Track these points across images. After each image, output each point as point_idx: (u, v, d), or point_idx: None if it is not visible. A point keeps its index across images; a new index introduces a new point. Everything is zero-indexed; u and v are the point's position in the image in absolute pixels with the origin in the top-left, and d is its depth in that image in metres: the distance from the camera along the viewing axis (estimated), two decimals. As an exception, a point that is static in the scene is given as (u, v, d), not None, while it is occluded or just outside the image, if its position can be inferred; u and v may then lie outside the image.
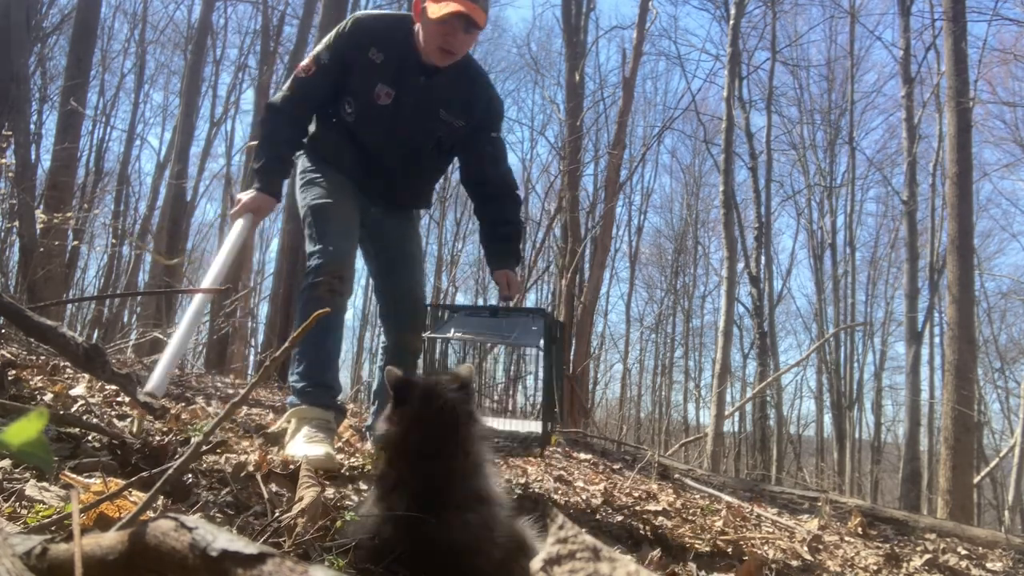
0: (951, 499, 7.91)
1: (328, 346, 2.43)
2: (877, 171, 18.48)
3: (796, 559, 2.61)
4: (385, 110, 2.46)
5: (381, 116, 2.47)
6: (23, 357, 3.32)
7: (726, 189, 10.83)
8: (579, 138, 12.06)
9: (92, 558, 0.66)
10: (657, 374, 23.46)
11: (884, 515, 4.70)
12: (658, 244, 23.62)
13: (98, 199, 15.28)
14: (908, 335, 12.83)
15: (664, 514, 2.89)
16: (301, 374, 2.41)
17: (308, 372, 2.40)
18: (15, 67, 6.98)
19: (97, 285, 18.04)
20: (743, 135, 15.27)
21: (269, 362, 0.98)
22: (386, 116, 2.47)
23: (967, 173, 8.92)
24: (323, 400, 2.36)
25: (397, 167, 2.57)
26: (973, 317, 9.53)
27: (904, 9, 13.03)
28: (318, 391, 2.36)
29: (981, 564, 3.71)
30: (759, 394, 13.86)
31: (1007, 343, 19.81)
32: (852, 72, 17.72)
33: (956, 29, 8.98)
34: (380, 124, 2.49)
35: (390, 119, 2.47)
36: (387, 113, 2.47)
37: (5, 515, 1.09)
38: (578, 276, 11.82)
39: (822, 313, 18.45)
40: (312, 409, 2.33)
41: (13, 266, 7.44)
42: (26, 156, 7.07)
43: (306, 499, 1.42)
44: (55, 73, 13.40)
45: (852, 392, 18.49)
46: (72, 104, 7.85)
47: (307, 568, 0.53)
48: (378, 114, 2.47)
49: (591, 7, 13.38)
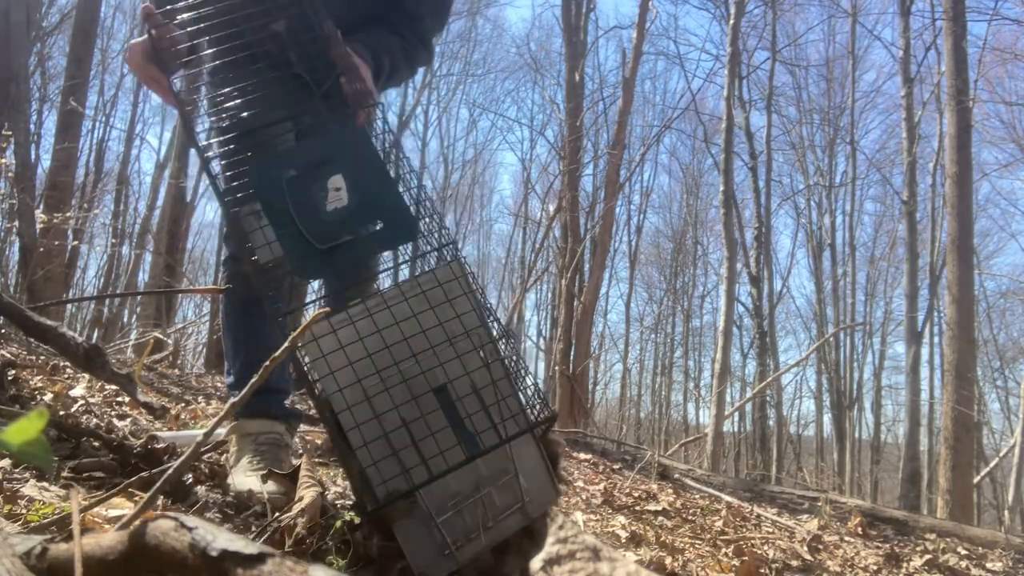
0: (951, 499, 7.91)
1: (263, 339, 1.85)
2: (877, 171, 18.49)
3: (796, 559, 2.61)
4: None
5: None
6: (23, 357, 3.32)
7: (726, 189, 10.83)
8: (579, 138, 12.06)
9: (92, 558, 0.66)
10: (657, 374, 23.48)
11: (884, 515, 4.70)
12: (657, 244, 23.64)
13: (98, 199, 15.27)
14: (908, 335, 12.83)
15: (664, 514, 2.89)
16: (237, 376, 1.89)
17: (244, 374, 1.85)
18: (15, 67, 6.98)
19: (97, 285, 18.04)
20: (743, 135, 15.29)
21: (269, 362, 0.98)
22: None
23: (967, 173, 8.92)
24: (267, 408, 1.85)
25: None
26: (973, 317, 9.54)
27: (904, 9, 13.02)
28: (259, 397, 1.75)
29: (981, 564, 3.71)
30: (759, 394, 13.86)
31: (1006, 343, 19.82)
32: (852, 72, 17.73)
33: (956, 29, 8.99)
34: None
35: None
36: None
37: (5, 515, 1.09)
38: (578, 276, 11.83)
39: (822, 313, 18.45)
40: (252, 422, 1.82)
41: (13, 266, 7.45)
42: (26, 156, 7.07)
43: (306, 499, 1.41)
44: (55, 73, 13.40)
45: (852, 392, 18.49)
46: (72, 104, 7.85)
47: (307, 568, 0.53)
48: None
49: (591, 7, 13.38)
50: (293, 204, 1.40)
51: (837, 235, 18.44)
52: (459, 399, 1.34)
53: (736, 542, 2.50)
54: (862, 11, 17.19)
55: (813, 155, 18.98)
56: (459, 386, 1.35)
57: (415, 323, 1.36)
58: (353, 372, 1.30)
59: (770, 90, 16.41)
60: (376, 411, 1.28)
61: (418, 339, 1.35)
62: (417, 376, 1.33)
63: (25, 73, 7.49)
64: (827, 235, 18.41)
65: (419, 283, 1.40)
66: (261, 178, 1.43)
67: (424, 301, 1.38)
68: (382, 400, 1.30)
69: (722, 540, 2.51)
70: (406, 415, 1.30)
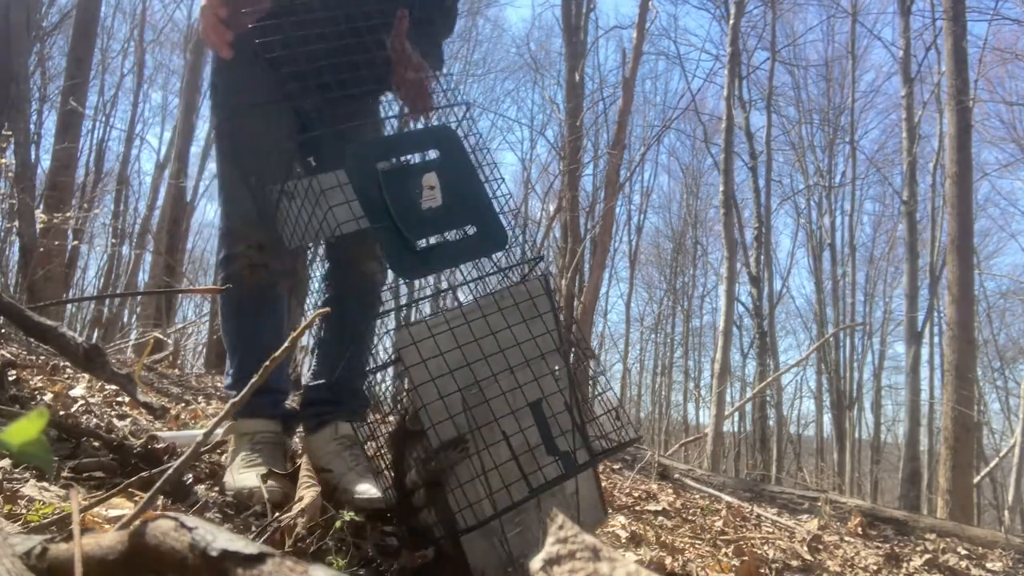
0: (951, 499, 7.91)
1: (264, 336, 1.85)
2: (877, 171, 18.49)
3: (796, 559, 2.61)
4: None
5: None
6: (23, 357, 3.32)
7: (726, 189, 10.83)
8: (579, 138, 12.06)
9: (92, 558, 0.66)
10: (657, 374, 23.50)
11: (884, 515, 4.69)
12: (657, 244, 23.65)
13: (98, 199, 15.27)
14: (908, 335, 12.83)
15: (664, 514, 2.89)
16: (235, 376, 1.88)
17: (243, 373, 1.84)
18: (15, 67, 6.98)
19: (97, 285, 18.05)
20: (743, 135, 15.28)
21: (269, 362, 0.98)
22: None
23: (967, 173, 8.92)
24: (264, 408, 1.83)
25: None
26: (973, 317, 9.53)
27: (904, 9, 13.02)
28: (258, 397, 1.67)
29: (981, 564, 3.71)
30: (759, 394, 13.85)
31: (1007, 343, 19.82)
32: (852, 72, 17.73)
33: (956, 29, 8.98)
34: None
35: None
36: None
37: (5, 515, 1.09)
38: (578, 276, 11.83)
39: (821, 313, 18.45)
40: (249, 422, 1.81)
41: (13, 266, 7.44)
42: (26, 156, 7.06)
43: (306, 499, 1.41)
44: (55, 73, 13.39)
45: (852, 392, 18.49)
46: (72, 104, 7.85)
47: (307, 568, 0.53)
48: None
49: (591, 7, 13.38)
50: (390, 199, 1.34)
51: (837, 235, 18.46)
52: (553, 415, 1.29)
53: (736, 542, 2.50)
54: (862, 11, 17.20)
55: (813, 155, 18.99)
56: (552, 402, 1.30)
57: (509, 335, 1.30)
58: (454, 381, 1.23)
59: (770, 90, 16.42)
60: (477, 422, 1.22)
61: (513, 352, 1.29)
62: (514, 389, 1.27)
63: (25, 73, 7.49)
64: (827, 235, 18.41)
65: (512, 295, 1.34)
66: (358, 167, 1.35)
67: (518, 314, 1.32)
68: (482, 412, 1.24)
69: (722, 540, 2.51)
70: (507, 429, 1.24)
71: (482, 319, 1.28)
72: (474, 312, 1.29)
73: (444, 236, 1.39)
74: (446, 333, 1.26)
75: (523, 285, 1.35)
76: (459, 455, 1.21)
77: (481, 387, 1.23)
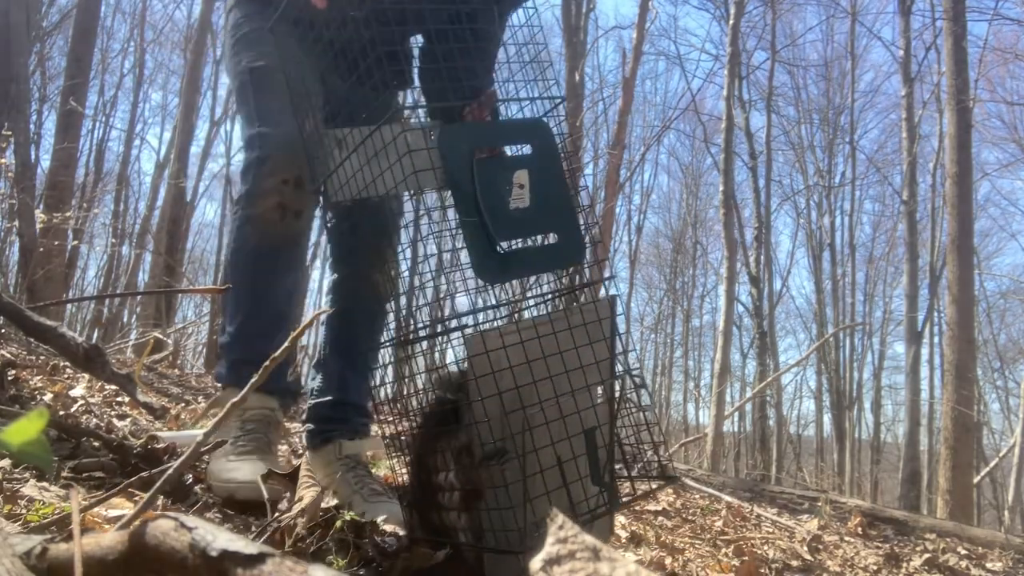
0: (951, 499, 7.91)
1: (276, 299, 1.61)
2: (876, 171, 18.49)
3: (796, 559, 2.61)
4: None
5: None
6: (23, 357, 3.32)
7: (726, 189, 10.82)
8: (579, 138, 12.06)
9: (92, 558, 0.66)
10: (657, 374, 23.49)
11: (884, 515, 4.69)
12: (657, 244, 23.65)
13: (98, 199, 15.28)
14: (908, 335, 12.83)
15: (664, 514, 2.89)
16: (234, 336, 1.64)
17: (244, 335, 1.62)
18: (15, 67, 6.98)
19: (97, 285, 18.05)
20: (742, 135, 15.29)
21: (269, 362, 0.98)
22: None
23: (967, 172, 8.92)
24: (264, 381, 1.75)
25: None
26: (973, 317, 9.54)
27: (904, 8, 13.02)
28: (255, 367, 1.49)
29: (981, 564, 3.71)
30: (759, 394, 13.86)
31: (1007, 343, 19.82)
32: (852, 72, 17.74)
33: (956, 29, 8.99)
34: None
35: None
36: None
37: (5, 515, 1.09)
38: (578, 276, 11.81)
39: (821, 313, 18.45)
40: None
41: (13, 266, 7.45)
42: (26, 156, 7.06)
43: (306, 499, 1.41)
44: (55, 73, 13.40)
45: (852, 392, 18.49)
46: (72, 104, 7.85)
47: (307, 568, 0.53)
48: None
49: (591, 7, 13.39)
50: (481, 192, 1.21)
51: (837, 235, 18.46)
52: (603, 445, 1.22)
53: (736, 542, 2.50)
54: (861, 11, 17.21)
55: (812, 155, 18.99)
56: (604, 431, 1.23)
57: (575, 356, 1.20)
58: (519, 397, 1.14)
59: (770, 90, 16.42)
60: (536, 444, 1.14)
61: (576, 374, 1.20)
62: (572, 415, 1.19)
63: (25, 73, 7.49)
64: (827, 235, 18.41)
65: (582, 312, 1.24)
66: (451, 150, 1.22)
67: (584, 334, 1.21)
68: (540, 433, 1.15)
69: (722, 540, 2.51)
70: (561, 454, 1.16)
71: (552, 335, 1.19)
72: (545, 327, 1.20)
73: (527, 241, 1.29)
74: (516, 346, 1.17)
75: (593, 305, 1.27)
76: (511, 473, 1.15)
77: (544, 407, 1.15)
